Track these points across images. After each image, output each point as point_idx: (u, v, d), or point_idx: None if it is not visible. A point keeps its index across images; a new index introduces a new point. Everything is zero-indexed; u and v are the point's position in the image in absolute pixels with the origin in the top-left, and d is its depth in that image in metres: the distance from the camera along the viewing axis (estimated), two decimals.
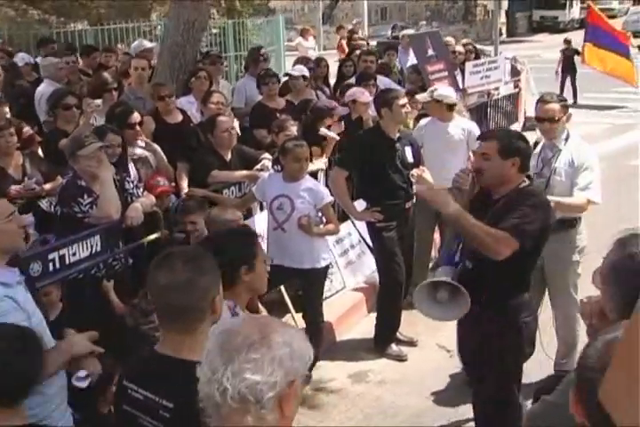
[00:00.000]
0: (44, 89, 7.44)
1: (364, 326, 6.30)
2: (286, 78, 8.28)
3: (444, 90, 6.55)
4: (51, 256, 4.21)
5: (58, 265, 4.26)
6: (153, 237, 5.02)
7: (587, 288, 2.74)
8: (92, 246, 4.51)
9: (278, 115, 6.71)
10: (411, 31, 14.84)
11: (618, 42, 11.19)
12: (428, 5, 37.56)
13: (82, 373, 2.94)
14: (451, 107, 6.38)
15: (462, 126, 6.46)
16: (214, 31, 15.90)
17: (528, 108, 13.58)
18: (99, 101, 6.25)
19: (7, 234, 2.99)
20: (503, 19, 36.70)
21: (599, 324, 2.27)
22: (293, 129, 6.01)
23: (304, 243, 5.12)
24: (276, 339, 1.63)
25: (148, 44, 9.09)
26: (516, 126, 11.49)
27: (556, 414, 2.00)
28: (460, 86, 9.24)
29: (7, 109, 6.52)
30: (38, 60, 9.08)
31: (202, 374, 1.64)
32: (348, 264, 6.82)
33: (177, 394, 2.12)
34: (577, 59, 14.82)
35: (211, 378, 1.61)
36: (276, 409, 1.62)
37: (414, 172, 5.60)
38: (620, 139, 12.97)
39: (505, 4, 33.35)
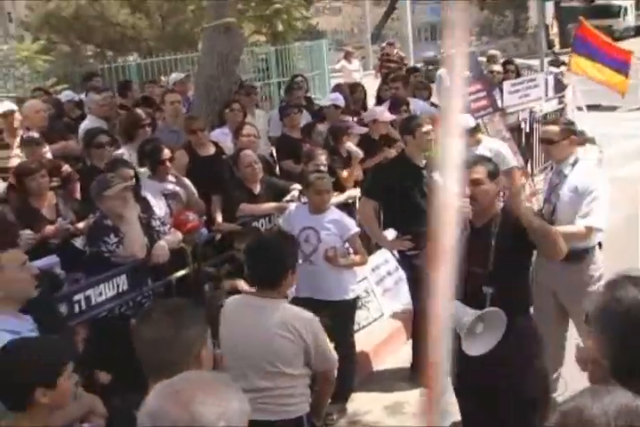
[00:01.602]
0: (88, 125, 7.64)
1: (403, 354, 6.22)
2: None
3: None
4: (77, 298, 4.30)
5: (84, 306, 4.33)
6: (181, 273, 5.07)
7: None
8: (118, 286, 4.58)
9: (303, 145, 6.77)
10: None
11: (610, 57, 11.16)
12: (478, 20, 37.35)
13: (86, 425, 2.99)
14: (472, 132, 6.32)
15: (489, 147, 6.39)
16: (261, 57, 16.14)
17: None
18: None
19: (20, 283, 3.08)
20: (556, 30, 36.27)
21: (594, 370, 2.20)
22: (322, 158, 6.03)
23: (332, 275, 5.11)
24: (207, 416, 1.54)
25: (181, 76, 9.26)
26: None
27: None
28: (500, 106, 9.14)
29: (46, 149, 6.74)
30: (82, 96, 9.36)
31: None
32: (386, 291, 6.77)
33: None
34: None
35: None
36: None
37: None
38: None
39: (549, 16, 32.86)
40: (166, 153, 5.80)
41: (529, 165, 10.15)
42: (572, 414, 1.51)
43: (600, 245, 4.99)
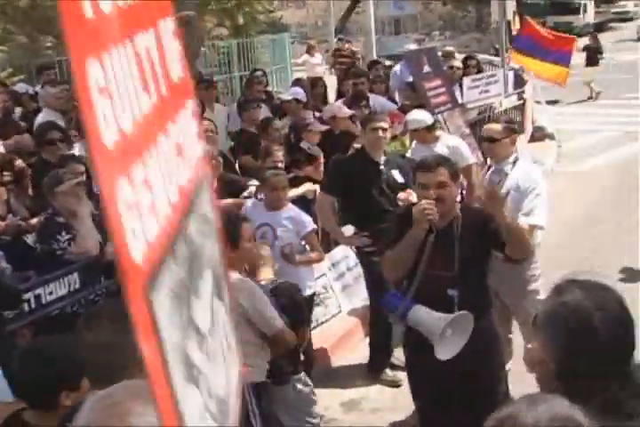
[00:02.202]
0: (43, 118, 7.49)
1: (361, 350, 6.22)
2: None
3: (415, 115, 6.49)
4: (26, 296, 4.20)
5: (34, 305, 4.24)
6: None
7: None
8: (70, 284, 4.49)
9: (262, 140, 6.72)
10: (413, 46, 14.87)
11: (550, 51, 11.54)
12: (441, 15, 37.54)
13: None
14: (429, 129, 6.32)
15: (448, 144, 6.40)
16: (222, 51, 16.00)
17: (537, 117, 13.51)
18: None
19: None
20: (518, 26, 36.56)
21: (541, 371, 2.19)
22: (279, 154, 5.98)
23: (288, 272, 5.06)
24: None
25: None
26: (523, 138, 11.39)
27: None
28: (460, 101, 9.17)
29: None
30: (37, 88, 9.19)
31: None
32: (345, 288, 6.76)
33: None
34: None
35: None
36: None
37: (401, 195, 5.58)
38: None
39: (510, 12, 33.06)
40: None
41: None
42: (507, 420, 1.50)
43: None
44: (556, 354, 2.03)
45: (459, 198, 4.69)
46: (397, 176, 5.65)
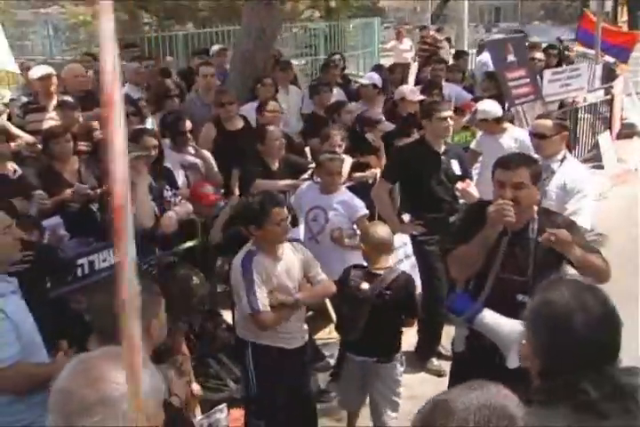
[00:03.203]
0: (124, 92, 7.75)
1: (410, 338, 6.22)
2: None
3: (485, 106, 6.42)
4: (80, 262, 4.40)
5: (87, 270, 4.44)
6: (188, 244, 5.15)
7: None
8: None
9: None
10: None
11: (610, 44, 11.17)
12: (544, 4, 36.49)
13: None
14: (498, 120, 6.24)
15: (515, 137, 6.31)
16: (312, 33, 16.10)
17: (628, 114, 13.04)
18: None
19: (2, 246, 3.15)
20: (625, 17, 35.22)
21: (532, 366, 2.19)
22: (337, 138, 6.01)
23: (336, 255, 5.13)
24: (114, 394, 1.56)
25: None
26: (607, 134, 11.05)
27: None
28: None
29: (78, 114, 6.85)
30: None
31: None
32: None
33: None
34: None
35: None
36: None
37: (459, 185, 5.54)
38: None
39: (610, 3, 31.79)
40: (187, 124, 5.86)
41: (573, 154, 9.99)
42: (439, 404, 1.54)
43: None
44: (537, 351, 2.04)
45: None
46: (456, 167, 5.61)
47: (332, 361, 5.61)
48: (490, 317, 3.64)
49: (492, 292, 3.71)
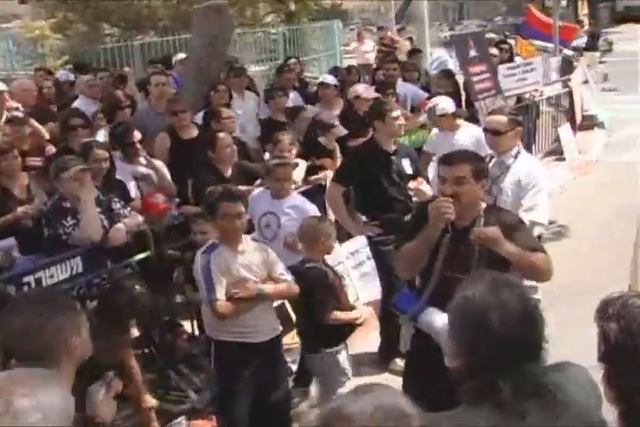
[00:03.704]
0: (77, 105, 7.67)
1: (373, 339, 6.21)
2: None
3: (443, 103, 6.43)
4: (25, 280, 4.33)
5: (34, 287, 4.37)
6: (141, 256, 5.10)
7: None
8: (72, 268, 4.62)
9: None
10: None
11: (550, 37, 11.41)
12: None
13: None
14: (451, 117, 6.25)
15: (470, 133, 6.31)
16: (272, 38, 16.08)
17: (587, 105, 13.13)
18: None
19: None
20: (586, 10, 35.50)
21: (459, 366, 2.17)
22: (286, 142, 5.97)
23: (290, 260, 5.09)
24: (20, 406, 1.54)
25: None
26: (567, 126, 11.12)
27: None
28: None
29: (28, 129, 6.77)
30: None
31: None
32: (363, 276, 6.73)
33: None
34: None
35: None
36: None
37: (411, 184, 5.54)
38: None
39: None
40: (136, 135, 5.81)
41: (532, 149, 10.04)
42: (332, 414, 1.51)
43: (540, 237, 4.79)
44: (460, 350, 2.01)
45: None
46: (407, 166, 5.61)
47: (295, 367, 5.57)
48: (432, 315, 3.61)
49: (436, 290, 3.66)
